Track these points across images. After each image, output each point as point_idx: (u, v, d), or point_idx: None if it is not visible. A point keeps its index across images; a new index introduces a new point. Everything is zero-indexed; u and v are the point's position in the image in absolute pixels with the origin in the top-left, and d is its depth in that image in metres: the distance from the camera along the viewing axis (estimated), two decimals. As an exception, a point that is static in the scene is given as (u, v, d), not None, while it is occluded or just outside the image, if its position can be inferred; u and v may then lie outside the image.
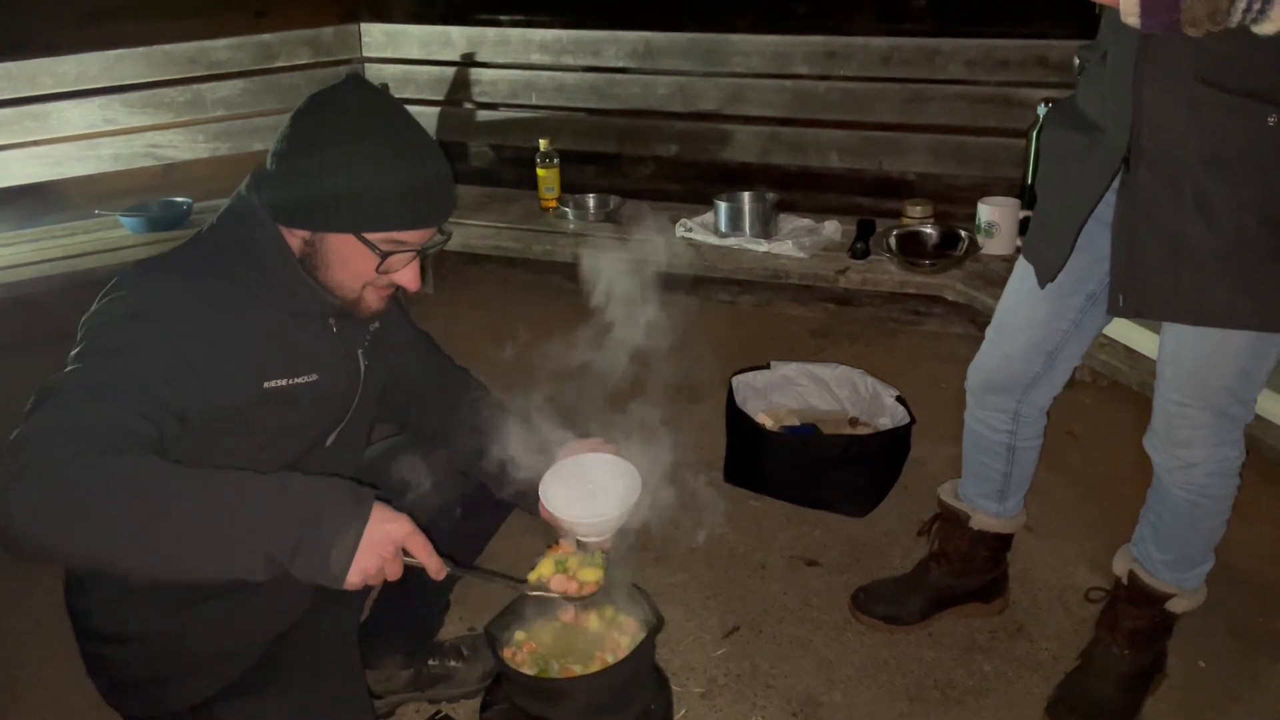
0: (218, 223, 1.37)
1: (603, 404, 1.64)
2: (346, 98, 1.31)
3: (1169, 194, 1.44)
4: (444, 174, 1.34)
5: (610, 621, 1.56)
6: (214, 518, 1.07)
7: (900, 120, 3.22)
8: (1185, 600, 1.81)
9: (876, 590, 2.13)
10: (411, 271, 1.37)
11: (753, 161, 3.48)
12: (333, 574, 1.10)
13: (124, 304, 1.24)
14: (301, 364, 1.38)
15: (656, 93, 3.53)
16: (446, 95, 3.81)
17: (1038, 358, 1.80)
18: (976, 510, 2.01)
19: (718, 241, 3.13)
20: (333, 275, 1.34)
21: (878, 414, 2.66)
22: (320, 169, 1.27)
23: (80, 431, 1.09)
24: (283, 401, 1.36)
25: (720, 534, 2.40)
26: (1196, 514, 1.71)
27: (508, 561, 2.01)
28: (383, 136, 1.29)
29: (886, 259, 2.93)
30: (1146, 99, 1.42)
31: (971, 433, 1.97)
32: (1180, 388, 1.60)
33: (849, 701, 1.91)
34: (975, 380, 1.91)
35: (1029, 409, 1.87)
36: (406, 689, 1.89)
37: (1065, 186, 1.60)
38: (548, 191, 3.51)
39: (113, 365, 1.17)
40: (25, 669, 2.05)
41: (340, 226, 1.30)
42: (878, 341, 3.38)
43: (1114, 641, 1.86)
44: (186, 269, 1.31)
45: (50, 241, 3.36)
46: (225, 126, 3.65)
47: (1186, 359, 1.58)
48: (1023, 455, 1.93)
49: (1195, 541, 1.76)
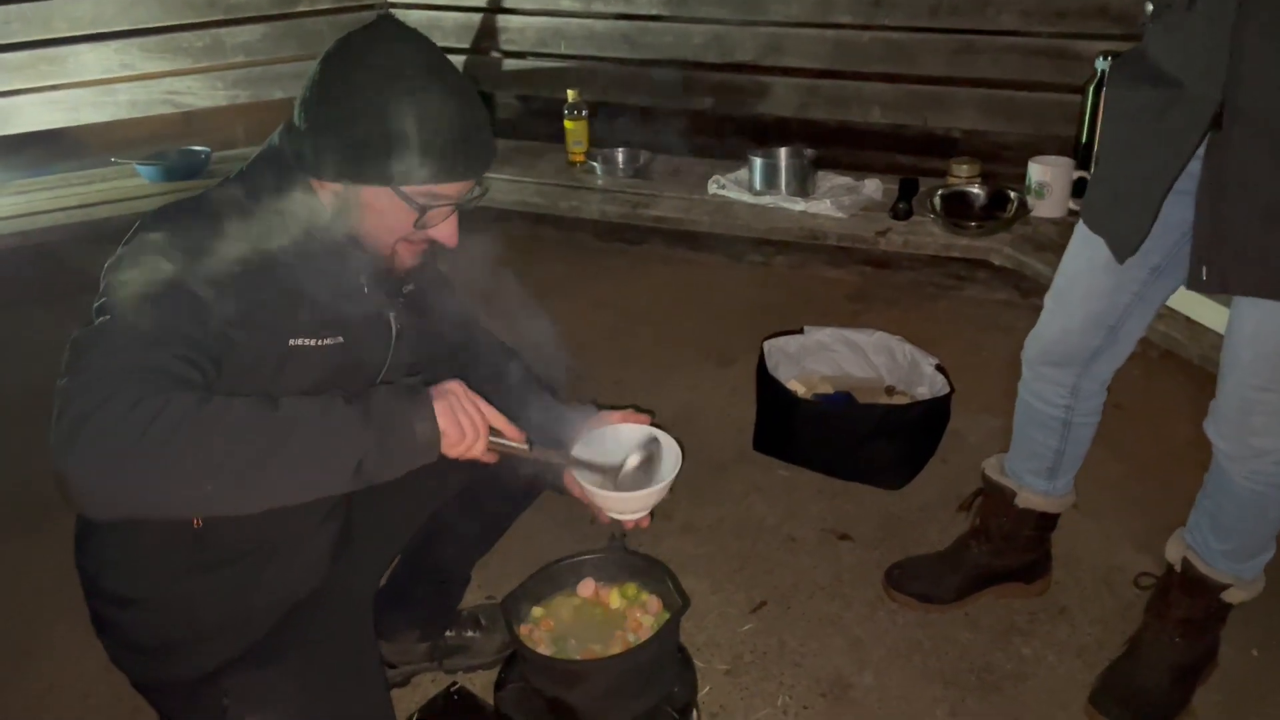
0: (247, 170, 1.31)
1: (628, 367, 1.58)
2: (380, 41, 1.23)
3: (1267, 157, 1.34)
4: (484, 122, 1.28)
5: (632, 599, 1.49)
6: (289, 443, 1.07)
7: (947, 73, 3.13)
8: (1242, 590, 1.72)
9: (912, 567, 2.07)
10: (450, 226, 1.31)
11: (790, 116, 3.40)
12: (427, 444, 1.16)
13: (150, 250, 1.18)
14: (328, 325, 1.31)
15: (691, 42, 3.44)
16: (472, 43, 3.74)
17: (1098, 331, 1.71)
18: (1023, 487, 1.93)
19: (752, 200, 3.07)
20: (367, 230, 1.28)
21: (916, 383, 2.57)
22: (354, 118, 1.20)
23: (130, 377, 1.06)
24: (306, 363, 1.30)
25: (748, 505, 2.35)
26: (1262, 504, 1.62)
27: (529, 539, 1.95)
28: (420, 82, 1.21)
29: (930, 220, 2.85)
30: (1248, 50, 1.30)
31: (1025, 405, 1.88)
32: (1260, 371, 1.50)
33: (881, 683, 1.85)
34: (1032, 351, 1.83)
35: (1089, 383, 1.79)
36: (422, 660, 1.86)
37: (1139, 149, 1.49)
38: (576, 145, 3.43)
39: (146, 312, 1.12)
40: (36, 627, 2.04)
41: (375, 179, 1.23)
42: (916, 307, 3.28)
43: (1164, 629, 1.78)
44: (214, 215, 1.24)
45: (66, 190, 3.33)
46: (245, 73, 3.59)
47: (1270, 340, 1.48)
48: (1078, 432, 1.85)
49: (1258, 532, 1.68)
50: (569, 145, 3.43)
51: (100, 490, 1.02)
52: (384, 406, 1.14)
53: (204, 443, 1.03)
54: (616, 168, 3.40)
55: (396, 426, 1.13)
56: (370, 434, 1.11)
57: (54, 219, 3.11)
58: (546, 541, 2.11)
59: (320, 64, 1.25)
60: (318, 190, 1.27)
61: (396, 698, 1.77)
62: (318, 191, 1.27)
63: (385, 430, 1.12)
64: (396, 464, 1.14)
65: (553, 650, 1.40)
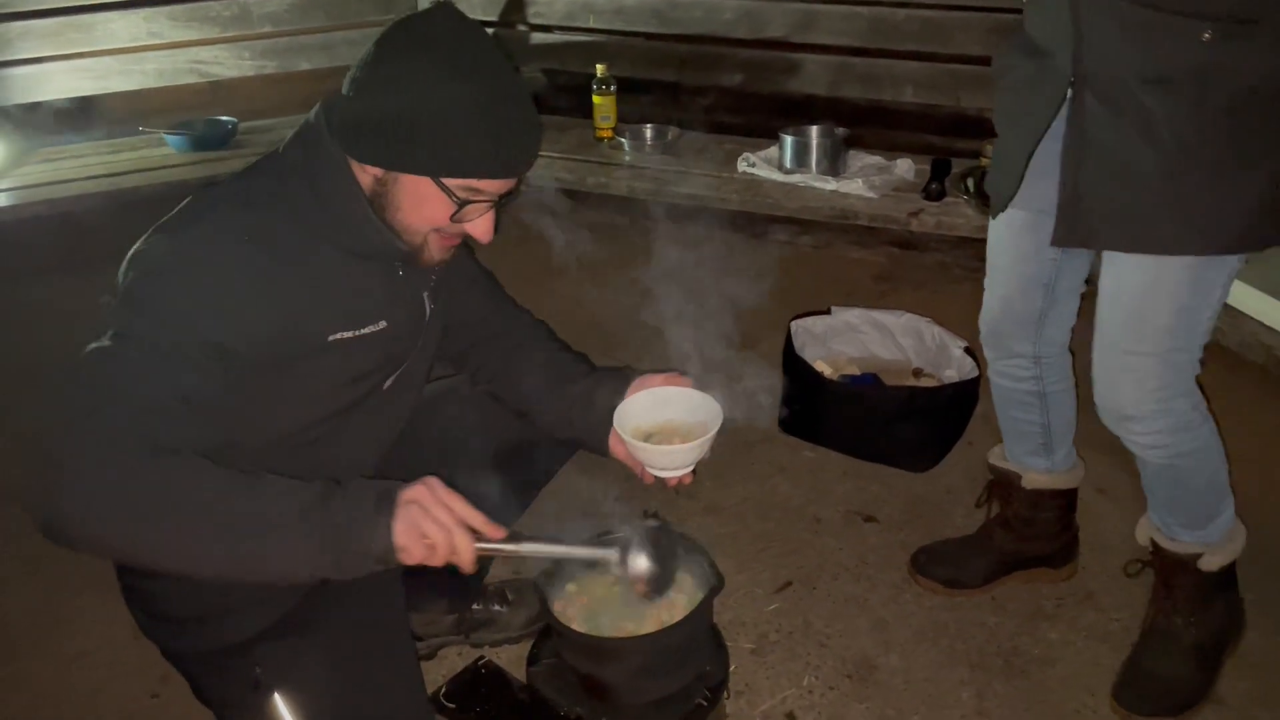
0: (283, 151, 1.30)
1: (654, 345, 1.58)
2: (438, 30, 1.22)
3: (1112, 117, 1.42)
4: (533, 122, 1.27)
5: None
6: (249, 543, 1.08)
7: (983, 52, 3.06)
8: (1217, 555, 1.71)
9: (938, 551, 2.06)
10: (486, 222, 1.30)
11: (820, 94, 3.37)
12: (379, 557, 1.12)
13: (174, 253, 1.18)
14: (369, 312, 1.32)
15: (721, 17, 3.40)
16: (500, 16, 3.71)
17: (1036, 292, 1.74)
18: (1026, 469, 1.93)
19: (782, 178, 3.04)
20: (402, 218, 1.27)
21: (943, 365, 2.55)
22: (404, 104, 1.19)
23: (130, 415, 1.08)
24: (347, 353, 1.31)
25: (773, 486, 2.34)
26: (1175, 475, 1.65)
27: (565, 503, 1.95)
28: (473, 76, 1.20)
29: (963, 201, 2.81)
30: (1085, 21, 1.40)
31: (997, 388, 1.90)
32: (1120, 333, 1.55)
33: (906, 665, 1.85)
34: (985, 330, 1.86)
35: (1047, 348, 1.80)
36: (449, 632, 1.86)
37: (1017, 115, 1.58)
38: (603, 120, 3.40)
39: (156, 336, 1.12)
40: (66, 595, 2.05)
41: (418, 168, 1.22)
42: (944, 288, 3.24)
43: (1169, 612, 1.77)
44: (247, 207, 1.24)
45: (94, 158, 3.33)
46: (272, 43, 3.58)
47: (1125, 296, 1.53)
48: (1056, 400, 1.85)
49: (1194, 500, 1.69)
50: (596, 121, 3.40)
51: (77, 538, 1.06)
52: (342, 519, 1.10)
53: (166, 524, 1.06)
54: (644, 144, 3.37)
55: (351, 546, 1.11)
56: (326, 557, 1.10)
57: (82, 187, 3.11)
58: (575, 516, 2.12)
59: (376, 45, 1.23)
60: (357, 172, 1.26)
61: (423, 670, 1.77)
62: (358, 174, 1.26)
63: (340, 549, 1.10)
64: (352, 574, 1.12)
65: (586, 627, 1.40)
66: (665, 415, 1.44)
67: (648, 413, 1.43)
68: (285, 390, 1.28)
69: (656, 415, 1.43)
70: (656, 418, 1.43)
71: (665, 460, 1.37)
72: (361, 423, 1.42)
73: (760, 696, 1.78)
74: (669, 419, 1.44)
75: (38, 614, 2.04)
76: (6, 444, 1.33)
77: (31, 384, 2.30)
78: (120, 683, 1.86)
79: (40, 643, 1.96)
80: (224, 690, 1.41)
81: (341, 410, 1.37)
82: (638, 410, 1.42)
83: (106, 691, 1.85)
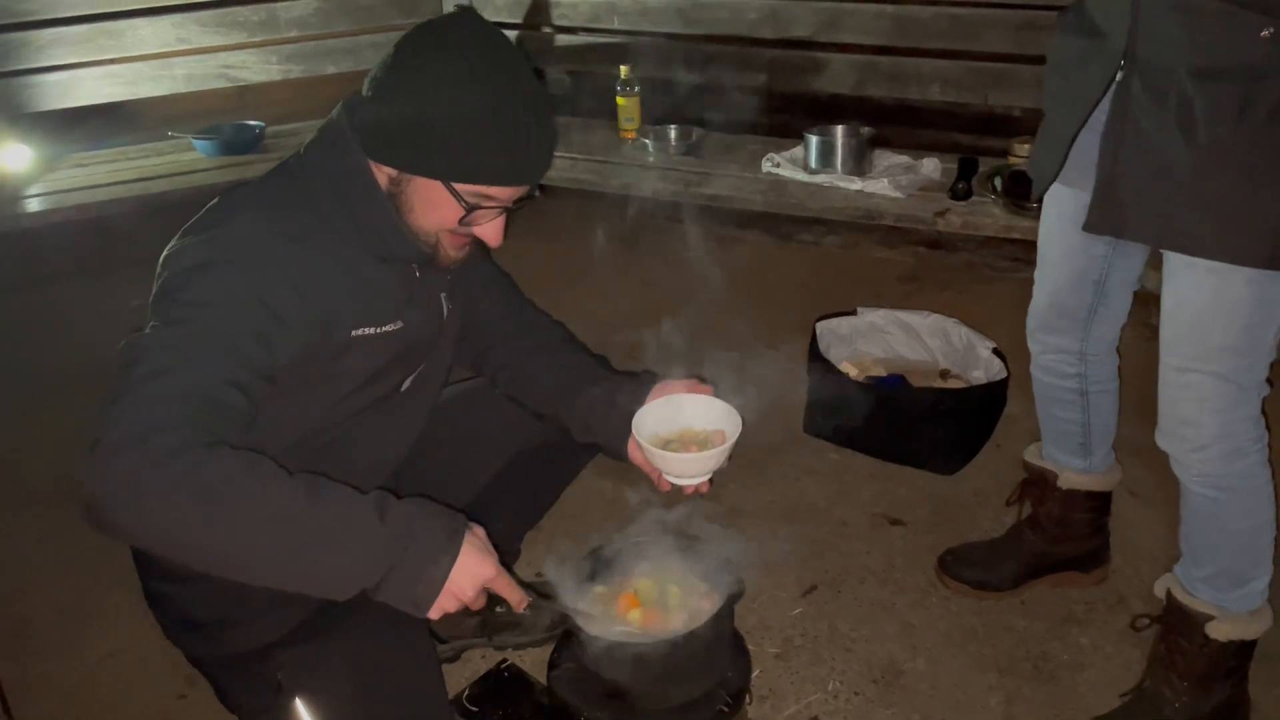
0: (306, 152, 1.31)
1: (677, 347, 1.58)
2: (459, 35, 1.23)
3: (1155, 106, 1.38)
4: (548, 131, 1.27)
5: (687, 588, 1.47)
6: (308, 545, 1.08)
7: (1011, 50, 3.05)
8: (1229, 625, 1.58)
9: (966, 554, 2.03)
10: (495, 227, 1.31)
11: (846, 93, 3.35)
12: (416, 606, 1.12)
13: (209, 248, 1.19)
14: (388, 311, 1.33)
15: (746, 17, 3.39)
16: (525, 18, 3.72)
17: (1086, 288, 1.69)
18: (1063, 469, 1.89)
19: (807, 178, 3.02)
20: (415, 219, 1.29)
21: (971, 366, 2.52)
22: (421, 107, 1.20)
23: (176, 409, 1.07)
24: (368, 350, 1.32)
25: (799, 488, 2.33)
26: (1217, 512, 1.54)
27: (582, 506, 1.95)
28: (492, 84, 1.20)
29: (990, 201, 2.78)
30: (1143, 3, 1.37)
31: (1039, 385, 1.85)
32: (1180, 348, 1.48)
33: (933, 670, 1.83)
34: (1033, 324, 1.81)
35: (1095, 346, 1.75)
36: (473, 634, 1.86)
37: (1064, 94, 1.54)
38: (627, 121, 3.40)
39: (201, 323, 1.14)
40: (95, 592, 2.07)
41: (430, 171, 1.24)
42: (971, 289, 3.21)
43: (1163, 678, 1.65)
44: (274, 206, 1.25)
45: (124, 163, 3.37)
46: (299, 48, 3.61)
47: (1186, 311, 1.47)
48: (1098, 401, 1.80)
49: (1228, 550, 1.57)
50: (620, 121, 3.40)
51: (117, 525, 1.05)
52: (404, 543, 1.11)
53: (229, 521, 1.05)
54: (668, 144, 3.35)
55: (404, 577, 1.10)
56: (379, 567, 1.10)
57: (112, 192, 3.14)
58: (595, 520, 2.11)
59: (397, 48, 1.24)
60: (375, 172, 1.27)
61: (446, 673, 1.77)
62: (375, 173, 1.27)
63: (397, 565, 1.10)
64: (385, 598, 1.12)
65: (607, 631, 1.39)
66: (684, 422, 1.43)
67: (666, 419, 1.42)
68: (308, 386, 1.29)
69: (675, 422, 1.42)
70: (675, 425, 1.43)
71: (682, 468, 1.36)
72: (380, 424, 1.42)
73: (784, 701, 1.77)
74: (688, 426, 1.43)
75: (69, 613, 2.06)
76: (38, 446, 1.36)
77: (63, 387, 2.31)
78: (148, 683, 1.87)
79: (70, 642, 1.99)
80: (246, 694, 1.42)
81: (361, 411, 1.38)
82: (656, 417, 1.41)
83: (134, 692, 1.86)
